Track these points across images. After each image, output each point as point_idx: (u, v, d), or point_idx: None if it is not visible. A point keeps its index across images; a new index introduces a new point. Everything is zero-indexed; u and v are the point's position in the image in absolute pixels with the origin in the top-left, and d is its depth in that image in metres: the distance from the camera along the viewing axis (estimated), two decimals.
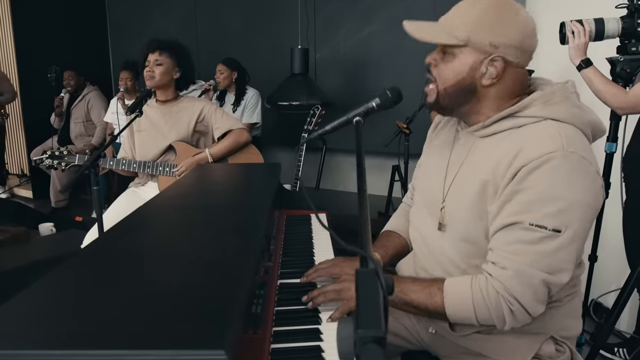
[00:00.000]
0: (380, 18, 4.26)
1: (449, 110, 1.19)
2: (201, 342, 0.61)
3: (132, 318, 0.67)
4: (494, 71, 1.08)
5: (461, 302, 1.05)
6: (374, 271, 0.53)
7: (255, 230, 1.13)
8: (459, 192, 1.15)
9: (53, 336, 0.63)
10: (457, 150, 1.20)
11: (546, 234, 0.98)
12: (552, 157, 0.99)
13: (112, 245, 1.01)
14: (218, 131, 2.53)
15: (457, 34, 1.08)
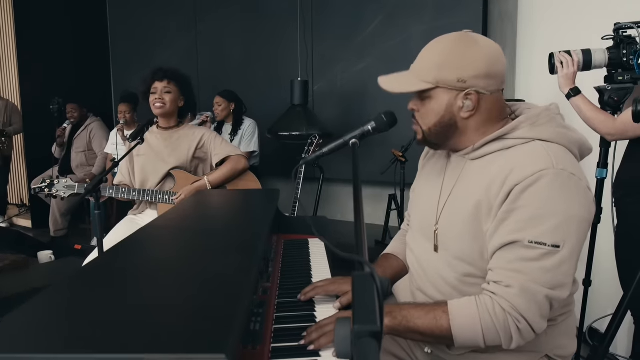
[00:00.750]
0: (375, 53, 4.38)
1: (437, 145, 1.24)
2: (203, 346, 0.64)
3: (138, 325, 0.70)
4: (470, 104, 1.13)
5: (469, 324, 1.06)
6: (370, 274, 0.57)
7: (254, 250, 1.16)
8: (452, 213, 1.18)
9: (64, 340, 0.66)
10: (449, 174, 1.25)
11: (546, 250, 1.01)
12: (543, 174, 1.03)
13: (115, 262, 1.04)
14: (217, 157, 2.58)
15: (426, 78, 1.14)
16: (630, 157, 2.03)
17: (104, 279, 0.93)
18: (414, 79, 1.18)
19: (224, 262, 1.07)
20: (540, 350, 1.15)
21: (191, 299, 0.82)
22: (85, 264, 2.28)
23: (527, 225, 1.03)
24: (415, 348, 1.29)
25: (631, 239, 1.93)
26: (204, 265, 1.03)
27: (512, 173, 1.06)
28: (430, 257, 1.23)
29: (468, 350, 1.15)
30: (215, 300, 0.82)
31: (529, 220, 1.03)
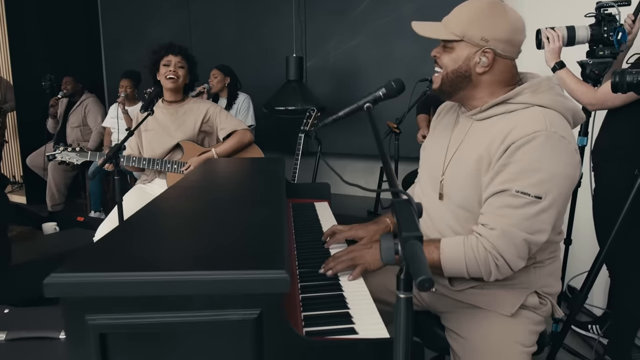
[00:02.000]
0: (367, 30, 4.50)
1: (449, 94, 1.38)
2: (269, 265, 0.79)
3: (213, 253, 0.85)
4: (485, 61, 1.28)
5: (455, 258, 1.25)
6: (407, 200, 0.72)
7: (279, 204, 1.31)
8: (457, 166, 1.34)
9: (163, 260, 0.80)
10: (456, 132, 1.40)
11: (529, 200, 1.18)
12: (537, 135, 1.18)
13: (161, 213, 1.18)
14: (223, 132, 2.70)
15: (455, 31, 1.29)
16: (608, 126, 2.21)
17: (161, 226, 1.07)
18: (443, 29, 1.32)
19: (254, 213, 1.21)
20: (530, 287, 1.33)
21: (243, 238, 0.96)
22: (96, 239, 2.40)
23: (517, 177, 1.19)
24: (426, 295, 1.47)
25: (608, 200, 2.12)
26: (238, 216, 1.17)
27: (511, 133, 1.21)
28: (436, 205, 1.39)
29: (468, 287, 1.33)
30: (263, 237, 0.97)
31: (519, 173, 1.19)
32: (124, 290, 0.75)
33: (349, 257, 1.30)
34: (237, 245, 0.91)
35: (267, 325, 0.77)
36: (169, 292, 0.75)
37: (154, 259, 0.83)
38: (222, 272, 0.76)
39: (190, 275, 0.75)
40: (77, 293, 0.75)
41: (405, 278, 0.68)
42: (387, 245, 0.68)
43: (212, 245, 0.91)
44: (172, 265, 0.79)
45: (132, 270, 0.76)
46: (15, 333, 1.66)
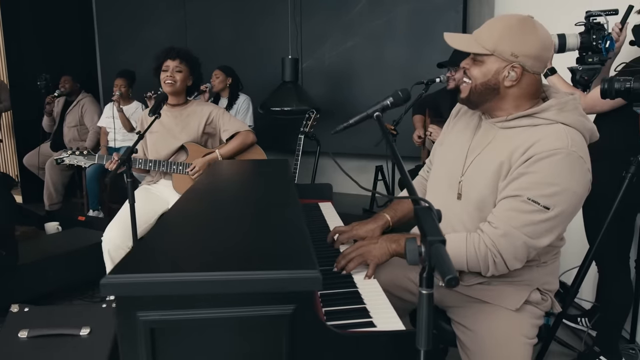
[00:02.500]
0: (362, 32, 4.59)
1: (476, 104, 1.46)
2: (303, 265, 0.88)
3: (247, 253, 0.93)
4: (514, 75, 1.36)
5: (456, 253, 1.34)
6: (427, 206, 0.81)
7: (296, 205, 1.40)
8: (478, 169, 1.41)
9: (201, 262, 0.89)
10: (479, 136, 1.47)
11: (537, 209, 1.27)
12: (558, 152, 1.27)
13: (192, 212, 1.26)
14: (226, 133, 2.78)
15: (486, 45, 1.37)
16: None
17: (192, 228, 1.15)
18: (474, 42, 1.39)
19: (276, 214, 1.29)
20: (533, 284, 1.44)
21: (273, 238, 1.05)
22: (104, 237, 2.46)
23: (532, 186, 1.28)
24: None
25: (597, 200, 2.23)
26: (262, 217, 1.26)
27: (535, 145, 1.30)
28: (451, 204, 1.46)
29: (476, 282, 1.43)
30: (289, 238, 1.05)
31: (535, 184, 1.28)
32: (172, 289, 0.83)
33: (358, 254, 1.39)
34: (269, 245, 0.99)
35: (301, 319, 0.86)
36: (213, 290, 0.84)
37: (195, 259, 0.91)
38: (261, 272, 0.84)
39: (232, 275, 0.84)
40: (129, 292, 0.83)
41: (427, 276, 0.77)
42: (412, 247, 0.78)
43: (246, 245, 0.99)
44: (214, 265, 0.87)
45: (178, 271, 0.85)
46: (37, 330, 1.73)
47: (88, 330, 1.72)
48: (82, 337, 1.72)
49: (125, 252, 2.52)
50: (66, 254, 3.06)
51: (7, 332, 1.75)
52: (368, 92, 4.69)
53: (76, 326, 1.74)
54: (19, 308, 1.83)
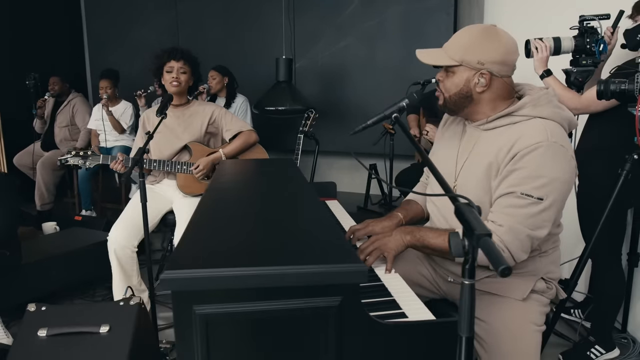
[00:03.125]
0: (354, 32, 4.67)
1: (454, 111, 1.57)
2: (349, 259, 0.93)
3: (291, 248, 0.99)
4: (483, 81, 1.46)
5: None
6: (468, 203, 0.88)
7: (318, 201, 1.45)
8: (469, 173, 1.51)
9: (249, 257, 0.94)
10: (465, 141, 1.57)
11: (532, 201, 1.36)
12: (539, 145, 1.36)
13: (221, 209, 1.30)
14: (229, 133, 2.81)
15: (454, 57, 1.47)
16: (590, 129, 2.43)
17: (230, 224, 1.19)
18: (444, 55, 1.49)
19: (304, 210, 1.34)
20: (537, 273, 1.52)
21: (311, 233, 1.10)
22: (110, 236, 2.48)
23: (522, 181, 1.37)
24: (439, 279, 1.64)
25: (591, 196, 2.33)
26: (292, 213, 1.31)
27: (517, 142, 1.39)
28: (450, 207, 1.55)
29: (484, 276, 1.50)
30: (326, 232, 1.10)
31: (524, 178, 1.37)
32: (228, 283, 0.88)
33: (375, 247, 1.46)
34: (309, 240, 1.05)
35: (348, 310, 0.92)
36: (265, 284, 0.89)
37: (244, 255, 0.96)
38: (312, 267, 0.90)
39: (283, 269, 0.89)
40: (187, 287, 0.88)
41: (470, 268, 0.83)
42: (456, 241, 0.84)
43: (287, 240, 1.04)
44: (266, 260, 0.93)
45: (233, 266, 0.90)
46: (56, 329, 1.75)
47: (107, 328, 1.75)
48: (101, 335, 1.75)
49: (131, 251, 2.54)
50: (67, 254, 3.06)
51: (26, 331, 1.77)
52: (361, 92, 4.77)
53: (95, 324, 1.77)
54: (36, 307, 1.85)
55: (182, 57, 2.70)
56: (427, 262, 1.69)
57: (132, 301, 1.87)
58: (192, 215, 1.24)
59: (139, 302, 1.88)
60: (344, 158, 5.08)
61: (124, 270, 2.55)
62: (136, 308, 1.85)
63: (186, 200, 2.73)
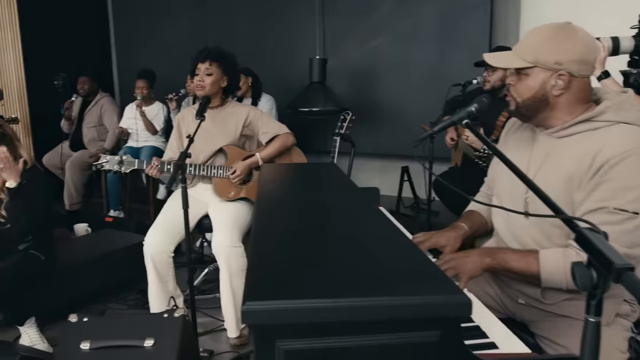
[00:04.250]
0: (387, 32, 4.55)
1: (527, 117, 1.46)
2: (449, 289, 0.83)
3: (383, 275, 0.89)
4: (562, 83, 1.34)
5: (555, 271, 1.31)
6: (591, 228, 0.77)
7: (380, 212, 1.35)
8: (544, 184, 1.37)
9: (339, 287, 0.84)
10: (536, 150, 1.45)
11: (627, 216, 1.24)
12: (629, 154, 1.25)
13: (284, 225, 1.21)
14: (266, 136, 2.72)
15: (526, 58, 1.36)
16: None
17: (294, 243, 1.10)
18: (515, 57, 1.39)
19: (367, 224, 1.25)
20: (622, 295, 1.40)
21: (392, 256, 1.00)
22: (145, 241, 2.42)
23: (613, 195, 1.25)
24: (506, 299, 1.53)
25: None
26: (360, 229, 1.21)
27: (602, 151, 1.27)
28: (522, 223, 1.44)
29: (562, 299, 1.39)
30: (407, 255, 1.01)
31: (615, 191, 1.25)
32: (315, 316, 0.79)
33: (451, 266, 1.35)
34: (396, 264, 0.95)
35: (447, 346, 0.82)
36: (357, 317, 0.80)
37: (332, 283, 0.87)
38: (408, 298, 0.80)
39: (377, 301, 0.80)
40: (270, 320, 0.79)
41: (597, 303, 0.73)
42: (583, 272, 0.74)
43: (368, 265, 0.95)
44: (355, 291, 0.83)
45: (320, 297, 0.80)
46: (99, 342, 1.69)
47: (152, 342, 1.68)
48: (146, 349, 1.67)
49: (167, 256, 2.48)
50: (100, 257, 3.02)
51: (68, 344, 1.71)
52: (393, 93, 4.65)
53: (139, 337, 1.69)
54: (77, 318, 1.78)
55: (207, 57, 2.60)
56: (493, 281, 1.58)
57: (177, 313, 1.80)
58: (252, 232, 1.16)
59: (183, 314, 1.81)
60: (375, 159, 4.97)
61: (160, 275, 2.49)
62: (180, 320, 1.78)
63: (222, 204, 2.66)
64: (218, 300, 2.65)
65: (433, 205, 3.66)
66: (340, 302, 0.79)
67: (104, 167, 2.58)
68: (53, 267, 2.62)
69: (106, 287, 3.00)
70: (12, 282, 2.34)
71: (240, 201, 2.67)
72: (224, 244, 2.41)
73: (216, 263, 2.55)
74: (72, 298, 2.79)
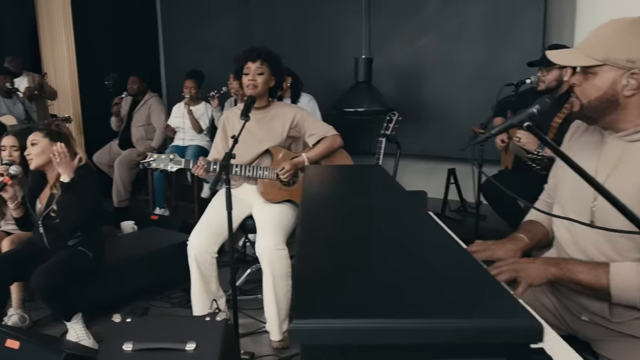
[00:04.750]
0: (434, 31, 4.43)
1: (594, 120, 1.35)
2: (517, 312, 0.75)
3: (449, 294, 0.82)
4: (634, 83, 1.23)
5: (628, 287, 1.20)
6: None
7: (431, 219, 1.27)
8: (615, 191, 1.27)
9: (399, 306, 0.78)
10: (605, 155, 1.34)
11: None
12: None
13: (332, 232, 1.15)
14: (313, 138, 2.67)
15: (595, 55, 1.25)
16: None
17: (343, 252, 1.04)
18: (581, 55, 1.28)
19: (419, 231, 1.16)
20: None
21: (452, 272, 0.92)
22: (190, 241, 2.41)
23: None
24: (566, 314, 1.42)
25: None
26: (412, 237, 1.13)
27: None
28: (587, 233, 1.33)
29: (632, 318, 1.27)
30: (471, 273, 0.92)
31: None
32: (370, 338, 0.73)
33: (511, 268, 1.26)
34: (457, 279, 0.87)
35: None
36: (416, 340, 0.73)
37: (389, 300, 0.80)
38: (471, 321, 0.72)
39: (438, 323, 0.73)
40: (320, 340, 0.73)
41: None
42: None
43: (432, 281, 0.87)
44: (414, 310, 0.76)
45: (376, 316, 0.74)
46: (141, 344, 1.68)
47: (194, 345, 1.66)
48: (187, 352, 1.66)
49: (211, 257, 2.47)
50: (145, 255, 3.06)
51: (111, 344, 1.72)
52: (439, 93, 4.52)
53: (181, 340, 1.68)
54: (120, 318, 1.79)
55: (258, 57, 2.57)
56: (550, 292, 1.47)
57: (219, 317, 1.77)
58: (298, 240, 1.10)
59: (225, 317, 1.78)
60: (419, 161, 4.85)
61: (204, 275, 2.48)
62: (223, 324, 1.75)
63: (267, 206, 2.63)
64: (260, 301, 2.63)
65: (480, 209, 3.52)
66: (398, 324, 0.72)
67: (151, 166, 2.60)
68: (100, 265, 2.66)
69: (150, 284, 3.03)
70: (61, 277, 2.39)
71: (284, 203, 2.63)
72: (268, 246, 2.38)
73: (259, 264, 2.52)
74: (117, 295, 2.83)
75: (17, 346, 1.92)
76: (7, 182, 2.50)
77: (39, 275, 2.32)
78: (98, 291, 2.73)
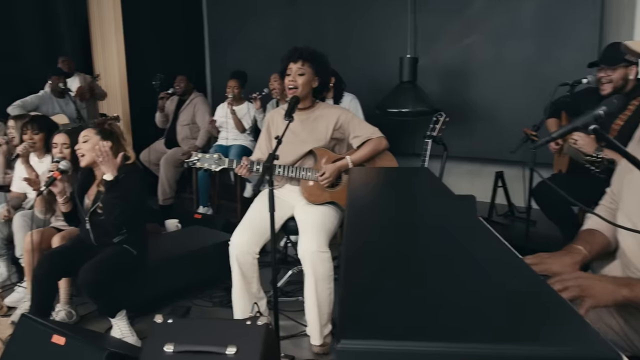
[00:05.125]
0: (481, 29, 4.29)
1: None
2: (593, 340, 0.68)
3: (510, 315, 0.75)
4: None
5: None
6: None
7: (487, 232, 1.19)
8: None
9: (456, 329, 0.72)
10: None
11: None
12: None
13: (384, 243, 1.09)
14: (358, 140, 2.61)
15: None
16: None
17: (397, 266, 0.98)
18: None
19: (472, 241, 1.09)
20: None
21: (511, 292, 0.84)
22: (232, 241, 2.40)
23: None
24: (634, 336, 1.31)
25: None
26: (465, 249, 1.06)
27: None
28: None
29: None
30: (524, 285, 0.85)
31: None
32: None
33: (576, 284, 1.16)
34: (518, 300, 0.80)
35: None
36: None
37: (444, 321, 0.74)
38: (540, 348, 0.66)
39: (497, 349, 0.66)
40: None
41: None
42: None
43: (489, 300, 0.80)
44: (468, 333, 0.70)
45: (430, 339, 0.68)
46: (182, 346, 1.67)
47: (234, 350, 1.64)
48: (228, 357, 1.64)
49: (252, 257, 2.45)
50: (188, 254, 3.08)
51: (153, 344, 1.71)
52: (487, 93, 4.38)
53: (222, 344, 1.66)
54: (162, 319, 1.78)
55: (299, 57, 2.53)
56: (618, 313, 1.36)
57: (260, 321, 1.74)
58: (344, 249, 1.05)
59: (266, 322, 1.75)
60: (464, 163, 4.71)
61: (245, 276, 2.46)
62: (264, 329, 1.72)
63: (309, 207, 2.59)
64: (301, 303, 2.59)
65: (530, 213, 3.37)
66: (461, 349, 0.66)
67: (196, 165, 2.60)
68: (144, 263, 2.69)
69: (192, 283, 3.05)
70: (107, 274, 2.43)
71: (327, 205, 2.59)
72: (311, 248, 2.34)
73: (300, 265, 2.48)
74: (160, 293, 2.86)
75: (62, 342, 1.95)
76: (57, 176, 2.57)
77: (86, 272, 2.37)
78: (141, 289, 2.76)
